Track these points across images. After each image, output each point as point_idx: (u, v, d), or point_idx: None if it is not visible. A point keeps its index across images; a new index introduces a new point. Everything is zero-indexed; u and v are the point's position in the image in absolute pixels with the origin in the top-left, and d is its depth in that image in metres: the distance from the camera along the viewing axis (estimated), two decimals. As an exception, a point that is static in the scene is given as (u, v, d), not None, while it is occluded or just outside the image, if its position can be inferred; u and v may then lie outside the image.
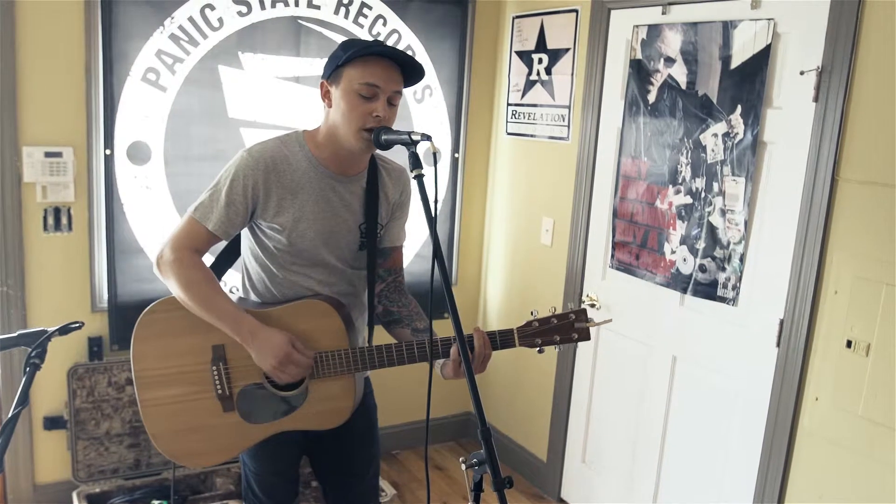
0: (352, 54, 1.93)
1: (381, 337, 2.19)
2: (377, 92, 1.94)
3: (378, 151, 2.07)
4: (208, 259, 2.10)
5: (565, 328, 2.00)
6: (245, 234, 2.12)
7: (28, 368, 1.77)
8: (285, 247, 2.04)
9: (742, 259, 2.69)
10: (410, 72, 2.01)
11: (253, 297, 2.14)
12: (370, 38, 2.01)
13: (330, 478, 2.34)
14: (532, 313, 2.02)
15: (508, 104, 3.85)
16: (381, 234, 2.20)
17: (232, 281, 2.90)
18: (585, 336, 2.01)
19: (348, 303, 2.14)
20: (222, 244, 2.17)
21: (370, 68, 1.93)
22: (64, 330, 1.86)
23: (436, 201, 1.76)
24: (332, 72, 1.98)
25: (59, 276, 3.14)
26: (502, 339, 2.02)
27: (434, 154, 1.79)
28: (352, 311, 2.14)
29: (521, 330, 2.01)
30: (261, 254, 2.08)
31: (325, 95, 2.02)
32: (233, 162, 2.02)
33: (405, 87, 2.03)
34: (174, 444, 2.09)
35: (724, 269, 2.75)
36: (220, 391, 2.05)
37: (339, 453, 2.28)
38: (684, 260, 2.89)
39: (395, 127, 1.98)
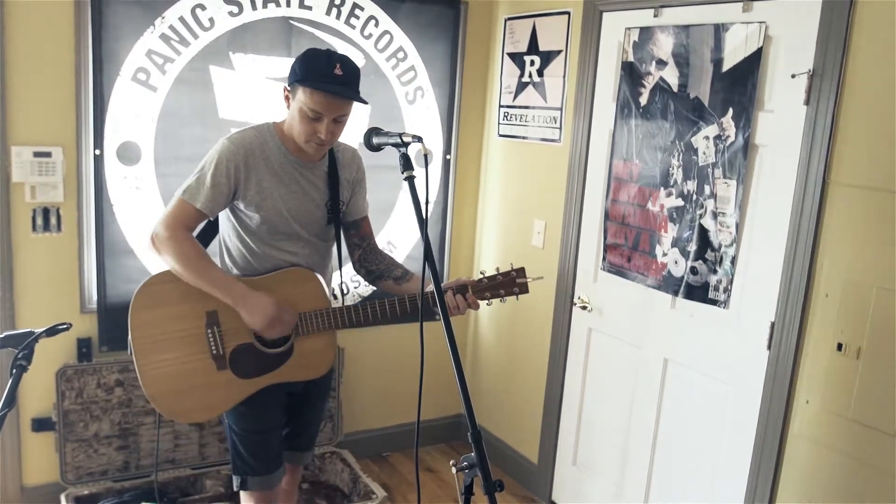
0: (305, 82, 2.16)
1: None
2: (321, 116, 2.18)
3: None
4: None
5: (508, 283, 2.33)
6: (225, 217, 2.35)
7: (14, 370, 1.76)
8: (263, 223, 2.28)
9: (733, 262, 2.69)
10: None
11: (235, 271, 2.37)
12: (332, 53, 2.20)
13: (286, 425, 2.57)
14: (481, 272, 2.34)
15: (500, 106, 3.85)
16: (348, 209, 2.48)
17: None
18: (524, 289, 2.35)
19: (320, 272, 2.42)
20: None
21: (316, 97, 2.16)
22: (51, 331, 1.86)
23: (427, 203, 1.76)
24: (291, 83, 2.23)
25: (47, 277, 3.12)
26: (459, 294, 2.30)
27: (425, 156, 1.82)
28: (323, 279, 2.42)
29: (474, 286, 2.32)
30: (241, 231, 2.33)
31: (286, 99, 2.29)
32: (215, 149, 2.26)
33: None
34: (173, 403, 2.31)
35: (715, 272, 2.76)
36: (214, 351, 2.30)
37: (300, 406, 2.57)
38: (676, 262, 2.90)
39: (385, 128, 2.10)
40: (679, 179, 2.86)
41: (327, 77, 2.15)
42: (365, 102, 2.22)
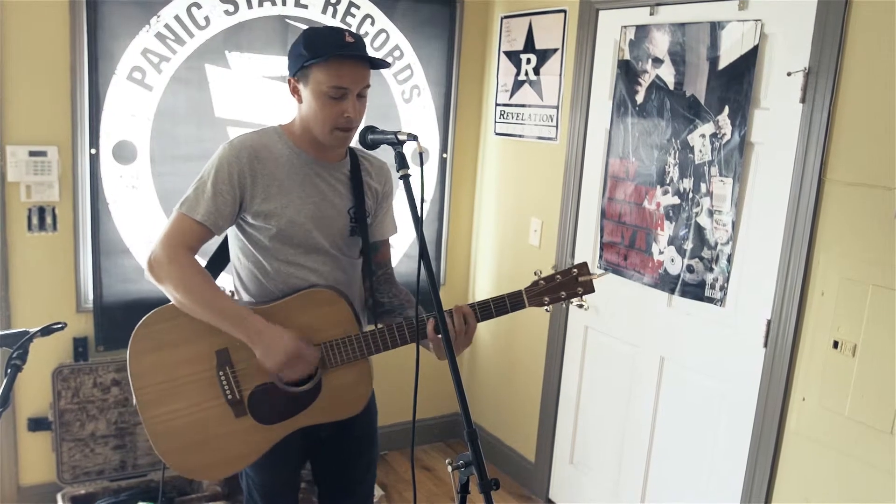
0: (320, 58, 1.90)
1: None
2: (346, 93, 1.93)
3: (355, 144, 2.09)
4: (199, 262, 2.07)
5: (570, 283, 2.03)
6: (233, 234, 2.09)
7: (9, 370, 1.76)
8: (276, 234, 2.01)
9: (729, 260, 2.70)
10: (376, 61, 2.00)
11: (246, 297, 2.11)
12: (333, 26, 1.96)
13: (328, 482, 2.34)
14: (536, 273, 2.04)
15: (497, 104, 3.85)
16: (371, 227, 2.18)
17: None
18: (590, 288, 2.05)
19: (347, 292, 2.11)
20: (212, 248, 2.15)
21: (337, 70, 1.91)
22: (46, 331, 1.85)
23: (422, 201, 1.75)
24: (298, 70, 1.96)
25: (43, 277, 3.11)
26: (512, 302, 2.03)
27: (421, 154, 1.78)
28: (353, 303, 2.12)
29: (529, 290, 2.03)
30: (252, 249, 2.05)
31: (294, 91, 2.02)
32: (215, 155, 2.00)
33: (372, 69, 2.01)
34: (188, 460, 2.04)
35: (711, 270, 2.76)
36: (230, 396, 2.02)
37: (338, 458, 2.27)
38: (672, 260, 2.90)
39: (381, 126, 1.99)
40: (675, 177, 2.86)
41: (343, 45, 1.91)
42: (389, 65, 2.03)
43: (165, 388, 2.00)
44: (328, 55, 1.89)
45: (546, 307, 2.04)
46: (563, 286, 2.03)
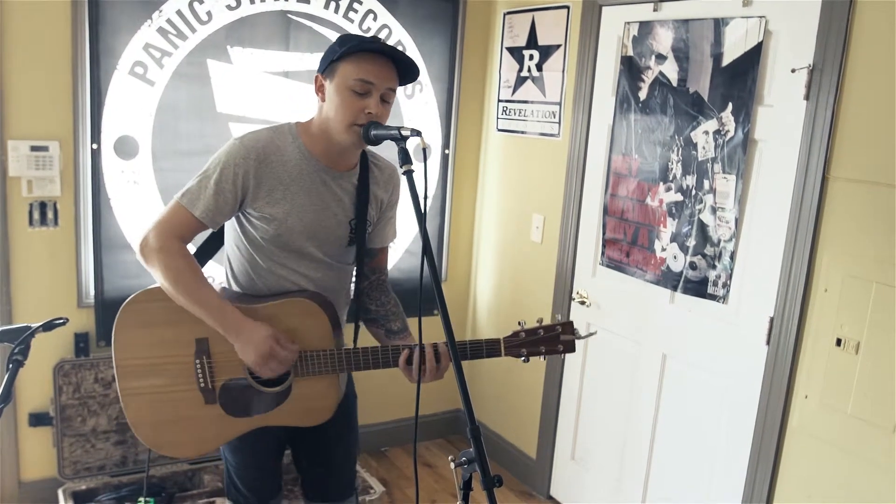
0: (347, 49, 1.93)
1: (367, 336, 2.20)
2: (371, 88, 1.94)
3: (370, 149, 2.09)
4: (191, 248, 2.08)
5: (551, 340, 2.07)
6: (231, 224, 2.10)
7: (11, 365, 1.75)
8: (272, 237, 2.02)
9: (732, 257, 2.69)
10: (405, 70, 2.02)
11: (235, 287, 2.13)
12: (366, 35, 2.00)
13: (308, 470, 2.37)
14: (519, 324, 2.06)
15: (499, 100, 3.84)
16: (371, 234, 2.19)
17: (211, 272, 2.87)
18: (570, 348, 2.08)
19: (333, 299, 2.13)
20: (206, 233, 2.15)
21: (365, 64, 1.93)
22: (48, 326, 1.84)
23: (425, 197, 1.75)
24: (327, 66, 1.98)
25: (44, 272, 3.11)
26: (489, 349, 2.06)
27: (424, 150, 1.78)
28: (337, 307, 2.14)
29: (508, 340, 2.06)
30: (246, 244, 2.06)
31: (320, 89, 2.02)
32: (224, 149, 1.99)
33: (400, 85, 2.03)
34: (154, 434, 2.09)
35: (714, 267, 2.75)
36: (202, 384, 2.06)
37: (317, 445, 2.30)
38: (675, 257, 2.89)
39: (385, 122, 1.99)
40: (678, 174, 2.85)
41: (372, 42, 1.96)
42: (417, 75, 2.05)
43: (144, 364, 2.05)
44: (359, 47, 1.93)
45: (524, 359, 2.07)
46: (544, 342, 2.07)
